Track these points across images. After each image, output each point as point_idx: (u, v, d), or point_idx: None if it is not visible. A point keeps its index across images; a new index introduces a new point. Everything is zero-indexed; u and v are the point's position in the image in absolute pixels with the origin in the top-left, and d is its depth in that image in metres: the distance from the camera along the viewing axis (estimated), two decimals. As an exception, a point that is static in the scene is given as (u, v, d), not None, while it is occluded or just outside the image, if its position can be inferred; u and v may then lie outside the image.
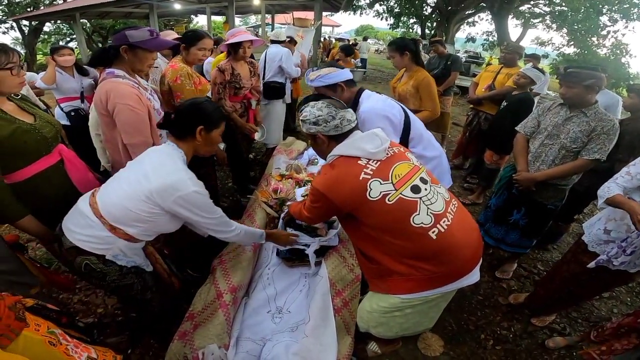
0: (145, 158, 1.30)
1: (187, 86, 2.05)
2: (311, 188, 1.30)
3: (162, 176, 1.20)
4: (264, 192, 2.22)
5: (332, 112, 1.25)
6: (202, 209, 1.29)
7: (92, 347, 1.18)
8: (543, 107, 2.04)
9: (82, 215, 1.25)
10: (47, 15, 11.05)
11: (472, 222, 1.33)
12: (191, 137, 1.31)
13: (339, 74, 1.67)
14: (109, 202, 1.24)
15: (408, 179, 1.21)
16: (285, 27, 7.88)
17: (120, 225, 1.23)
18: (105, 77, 1.52)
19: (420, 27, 16.99)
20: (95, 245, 1.23)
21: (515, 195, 2.12)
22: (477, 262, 1.27)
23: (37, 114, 1.39)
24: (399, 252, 1.21)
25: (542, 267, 2.59)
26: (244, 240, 1.57)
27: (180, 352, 1.40)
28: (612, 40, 12.51)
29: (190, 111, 1.32)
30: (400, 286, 1.24)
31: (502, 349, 1.87)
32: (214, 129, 1.36)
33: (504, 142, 3.07)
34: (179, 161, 1.27)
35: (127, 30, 1.49)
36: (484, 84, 3.53)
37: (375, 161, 1.21)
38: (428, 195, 1.21)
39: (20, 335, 0.92)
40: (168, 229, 1.36)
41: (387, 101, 1.75)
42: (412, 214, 1.16)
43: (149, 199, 1.20)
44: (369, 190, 1.16)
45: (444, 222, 1.19)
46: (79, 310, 1.91)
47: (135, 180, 1.23)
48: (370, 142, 1.22)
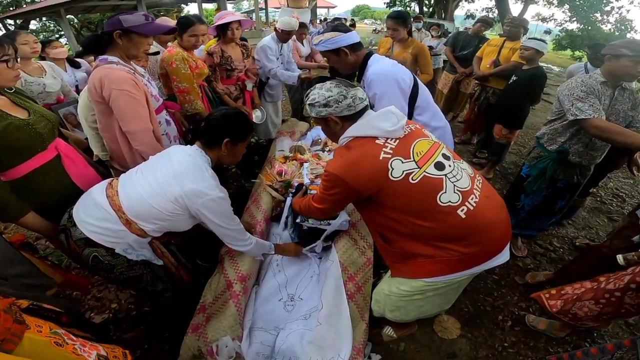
0: (174, 157, 1.30)
1: (182, 70, 2.07)
2: (325, 174, 1.21)
3: (193, 181, 1.24)
4: (269, 175, 2.16)
5: (343, 91, 1.18)
6: (225, 214, 1.34)
7: (100, 345, 1.14)
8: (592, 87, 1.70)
9: (97, 207, 1.23)
10: (31, 12, 10.80)
11: (499, 198, 1.26)
12: (217, 147, 1.36)
13: (342, 38, 1.61)
14: (133, 196, 1.23)
15: (430, 155, 1.14)
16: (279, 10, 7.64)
17: (139, 220, 1.24)
18: (99, 63, 1.45)
19: (418, 5, 16.59)
20: (107, 238, 1.23)
21: (561, 188, 2.02)
22: (508, 241, 1.21)
23: (31, 109, 1.33)
24: (425, 235, 1.14)
25: (557, 243, 2.53)
26: (255, 251, 1.57)
27: (195, 346, 1.38)
28: (616, 16, 12.24)
29: (219, 123, 1.35)
30: (427, 269, 1.18)
31: (520, 330, 1.83)
32: (240, 142, 1.40)
33: (514, 116, 3.03)
34: (208, 167, 1.32)
35: (121, 15, 1.41)
36: (488, 59, 3.45)
37: (393, 139, 1.14)
38: (453, 171, 1.14)
39: (23, 338, 0.87)
40: (182, 228, 1.38)
41: (397, 66, 1.68)
42: (439, 192, 1.09)
43: (177, 201, 1.23)
44: (390, 170, 1.08)
45: (472, 200, 1.12)
46: (93, 306, 1.91)
47: (164, 180, 1.24)
48: (387, 120, 1.15)
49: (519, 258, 2.32)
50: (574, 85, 1.73)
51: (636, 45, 1.59)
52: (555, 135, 1.90)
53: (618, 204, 3.17)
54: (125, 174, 1.35)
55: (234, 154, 1.42)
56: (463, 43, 4.07)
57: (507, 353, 1.71)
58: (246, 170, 2.98)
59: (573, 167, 1.92)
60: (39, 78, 2.22)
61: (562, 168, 1.93)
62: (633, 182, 3.48)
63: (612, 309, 1.43)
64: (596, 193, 3.20)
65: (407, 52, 2.80)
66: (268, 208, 2.04)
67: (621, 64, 1.62)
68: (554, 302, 1.64)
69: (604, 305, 1.45)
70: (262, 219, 1.93)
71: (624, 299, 1.39)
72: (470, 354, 1.69)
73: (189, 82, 2.10)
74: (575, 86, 1.72)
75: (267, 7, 16.70)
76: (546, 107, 6.05)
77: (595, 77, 1.72)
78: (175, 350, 1.41)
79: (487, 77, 3.43)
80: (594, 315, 1.50)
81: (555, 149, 1.90)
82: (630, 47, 1.59)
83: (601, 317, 1.50)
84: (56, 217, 1.31)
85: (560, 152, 1.88)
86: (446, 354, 1.69)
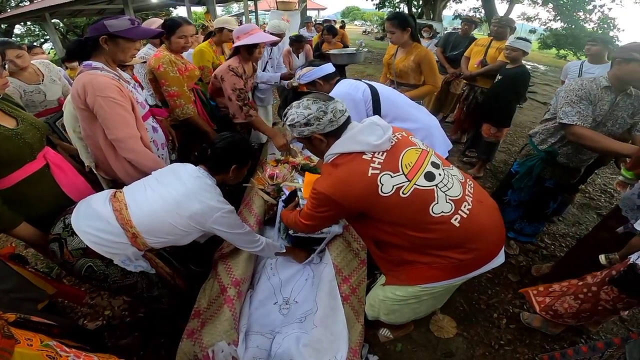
0: (183, 177, 1.32)
1: (170, 73, 2.01)
2: (314, 193, 1.17)
3: (208, 198, 1.29)
4: (260, 179, 2.15)
5: (322, 106, 1.13)
6: (235, 225, 1.40)
7: (94, 355, 1.11)
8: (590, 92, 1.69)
9: (100, 219, 1.21)
10: (15, 17, 10.60)
11: (492, 201, 1.26)
12: (224, 172, 1.43)
13: (315, 71, 1.81)
14: (147, 211, 1.25)
15: (419, 166, 1.12)
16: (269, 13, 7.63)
17: (148, 235, 1.24)
18: (83, 69, 1.41)
19: (407, 6, 16.74)
20: (107, 249, 1.21)
21: (550, 188, 2.02)
22: (503, 244, 1.21)
23: (19, 117, 1.30)
24: (421, 244, 1.13)
25: (549, 240, 2.57)
26: (268, 252, 1.62)
27: (190, 351, 1.36)
28: (599, 15, 12.55)
29: (227, 152, 1.41)
30: (425, 275, 1.17)
31: (516, 327, 1.84)
32: (244, 167, 1.50)
33: (501, 115, 3.07)
34: (217, 188, 1.37)
35: (106, 19, 1.37)
36: (476, 59, 3.51)
37: (380, 153, 1.11)
38: (443, 180, 1.12)
39: (14, 353, 0.84)
40: (185, 243, 1.40)
41: (353, 84, 1.80)
42: (431, 204, 1.07)
43: (192, 218, 1.27)
44: (380, 186, 1.06)
45: (465, 207, 1.11)
46: (86, 314, 1.87)
47: (178, 199, 1.26)
48: (372, 134, 1.11)
49: (512, 256, 2.35)
50: (572, 88, 1.72)
51: None
52: (547, 135, 1.92)
53: (606, 199, 3.22)
54: (129, 187, 1.35)
55: (239, 176, 1.51)
56: (454, 44, 4.11)
57: (503, 351, 1.72)
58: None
59: (561, 168, 1.93)
60: (38, 85, 2.12)
61: (549, 168, 1.94)
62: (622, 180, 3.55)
63: (589, 306, 1.45)
64: (585, 189, 3.25)
65: (408, 59, 2.44)
66: (260, 212, 2.02)
67: (631, 68, 1.56)
68: (541, 299, 1.65)
69: (582, 301, 1.47)
70: (254, 222, 1.91)
71: (600, 294, 1.40)
72: (467, 353, 1.70)
73: (179, 85, 2.04)
74: (572, 89, 1.71)
75: (257, 9, 16.63)
76: (533, 106, 6.15)
77: (599, 81, 1.69)
78: (171, 355, 1.40)
79: (474, 77, 3.48)
80: (572, 312, 1.51)
81: (544, 148, 1.92)
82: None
83: (580, 315, 1.50)
84: (46, 226, 1.28)
85: (549, 153, 1.89)
86: (443, 353, 1.69)
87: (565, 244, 2.53)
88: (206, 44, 2.74)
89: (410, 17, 2.42)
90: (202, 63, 2.60)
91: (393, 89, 1.93)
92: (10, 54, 1.98)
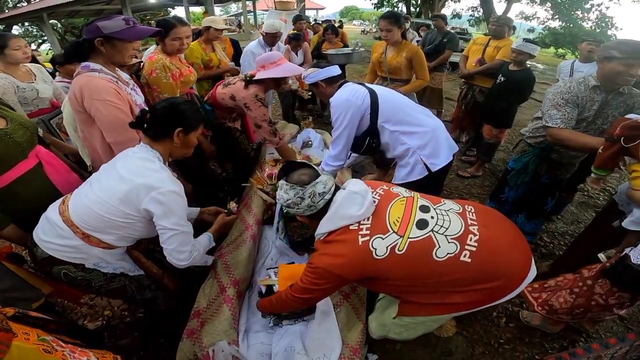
0: (118, 162, 1.23)
1: (163, 79, 1.93)
2: (312, 269, 1.15)
3: (139, 176, 1.15)
4: (259, 179, 2.15)
5: (299, 192, 1.14)
6: (175, 212, 1.20)
7: (90, 351, 1.12)
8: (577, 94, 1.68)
9: (51, 224, 1.17)
10: (13, 18, 10.57)
11: (499, 216, 1.23)
12: (168, 139, 1.26)
13: (319, 73, 1.82)
14: (81, 208, 1.16)
15: (408, 218, 1.10)
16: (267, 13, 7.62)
17: (94, 233, 1.17)
18: (80, 71, 1.40)
19: (405, 5, 16.77)
20: (70, 254, 1.18)
21: (546, 184, 2.00)
22: (530, 258, 1.16)
23: (9, 117, 1.30)
24: (438, 288, 1.10)
25: (547, 238, 2.56)
26: (198, 259, 1.39)
27: (190, 351, 1.36)
28: (597, 14, 12.58)
29: (169, 112, 1.25)
30: (456, 307, 1.13)
31: (515, 326, 1.84)
32: (192, 131, 1.31)
33: (504, 117, 3.07)
34: (156, 161, 1.22)
35: (99, 21, 1.34)
36: (474, 58, 3.52)
37: (366, 219, 1.11)
38: (438, 222, 1.10)
39: (11, 346, 0.85)
40: (145, 235, 1.30)
41: (354, 91, 1.78)
42: (432, 250, 1.05)
43: (123, 203, 1.14)
44: (373, 251, 1.05)
45: (472, 240, 1.08)
46: (86, 314, 1.87)
47: (107, 186, 1.17)
48: (352, 206, 1.11)
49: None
50: (560, 90, 1.72)
51: (626, 47, 1.49)
52: (537, 134, 1.94)
53: (605, 198, 3.23)
54: (77, 188, 1.27)
55: (186, 144, 1.33)
56: (430, 40, 4.34)
57: (503, 349, 1.72)
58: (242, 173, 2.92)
59: (555, 163, 1.95)
60: (31, 83, 2.15)
61: (544, 163, 1.96)
62: (619, 176, 3.55)
63: (583, 300, 1.44)
64: (583, 188, 3.25)
65: (400, 56, 2.64)
66: (259, 211, 2.03)
67: (612, 66, 1.55)
68: (537, 295, 1.64)
69: (577, 295, 1.46)
70: (253, 222, 1.91)
71: (595, 287, 1.39)
72: (466, 351, 1.70)
73: (171, 92, 1.97)
74: (560, 92, 1.71)
75: (255, 9, 16.64)
76: (531, 105, 6.15)
77: (588, 80, 1.68)
78: (171, 356, 1.39)
79: (473, 76, 3.48)
80: (567, 307, 1.50)
81: (538, 145, 1.93)
82: (621, 48, 1.51)
83: (574, 311, 1.50)
84: None
85: (543, 149, 1.90)
86: (443, 352, 1.69)
87: (564, 243, 2.53)
88: (195, 42, 2.75)
89: (400, 15, 2.64)
90: (191, 60, 2.60)
91: (396, 92, 1.92)
92: (22, 42, 2.09)
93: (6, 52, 2.02)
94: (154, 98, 2.00)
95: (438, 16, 4.45)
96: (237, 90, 2.07)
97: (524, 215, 2.17)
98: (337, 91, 1.82)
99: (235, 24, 16.27)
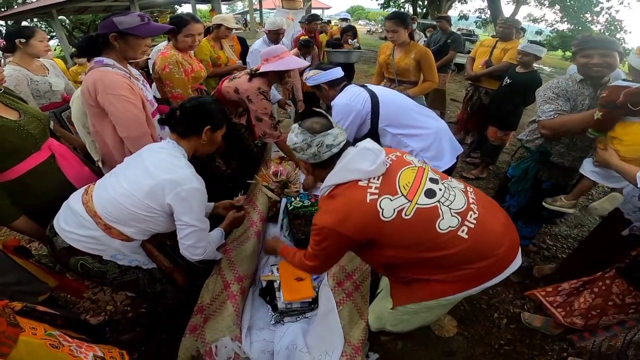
0: (145, 155, 1.26)
1: (176, 74, 1.98)
2: (314, 228, 1.14)
3: (166, 172, 1.18)
4: (264, 176, 2.16)
5: (307, 139, 1.12)
6: (198, 209, 1.24)
7: (96, 346, 1.13)
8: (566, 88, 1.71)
9: (74, 214, 1.19)
10: (22, 13, 10.64)
11: (496, 204, 1.25)
12: (196, 136, 1.31)
13: (321, 76, 1.82)
14: (107, 199, 1.19)
15: (418, 185, 1.10)
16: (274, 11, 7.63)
17: (117, 225, 1.19)
18: (94, 65, 1.42)
19: (412, 6, 16.70)
20: (90, 245, 1.19)
21: (547, 191, 1.98)
22: (518, 245, 1.18)
23: (21, 110, 1.32)
24: (433, 264, 1.11)
25: (550, 241, 2.57)
26: (211, 253, 1.45)
27: (193, 347, 1.37)
28: (606, 17, 12.45)
29: (199, 111, 1.31)
30: (442, 289, 1.14)
31: (516, 328, 1.85)
32: (218, 129, 1.38)
33: (509, 119, 3.06)
34: (182, 157, 1.27)
35: (115, 16, 1.37)
36: (481, 60, 3.51)
37: (376, 178, 1.09)
38: (445, 194, 1.11)
39: (18, 341, 0.86)
40: (165, 229, 1.32)
41: (355, 94, 1.79)
42: (437, 221, 1.05)
43: (148, 196, 1.17)
44: (381, 211, 1.03)
45: (471, 217, 1.09)
46: (88, 309, 1.89)
47: (134, 179, 1.20)
48: (364, 160, 1.09)
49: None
50: (549, 86, 1.75)
51: (578, 40, 1.60)
52: (534, 136, 1.92)
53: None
54: (101, 178, 1.30)
55: (212, 141, 1.38)
56: (435, 40, 4.38)
57: (503, 350, 1.73)
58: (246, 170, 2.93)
59: (556, 167, 1.91)
60: (44, 77, 2.20)
61: (544, 169, 1.93)
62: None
63: (601, 301, 1.46)
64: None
65: (409, 57, 2.55)
66: (264, 209, 2.04)
67: (577, 61, 1.63)
68: (552, 299, 1.65)
69: (595, 295, 1.48)
70: (258, 219, 1.93)
71: (612, 287, 1.42)
72: (467, 352, 1.71)
73: (183, 87, 2.02)
74: (549, 87, 1.74)
75: (261, 8, 16.64)
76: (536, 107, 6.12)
77: (575, 76, 1.72)
78: (173, 351, 1.39)
79: (479, 77, 3.48)
80: (585, 307, 1.52)
81: (536, 148, 1.92)
82: (575, 42, 1.62)
83: (589, 313, 1.52)
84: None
85: (542, 153, 1.88)
86: (444, 352, 1.70)
87: (567, 246, 2.53)
88: (204, 39, 2.77)
89: (407, 15, 2.56)
90: (200, 57, 2.62)
91: (398, 93, 1.92)
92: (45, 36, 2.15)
93: (31, 42, 2.07)
94: (166, 93, 2.04)
95: (442, 17, 4.49)
96: (240, 83, 2.08)
97: (521, 221, 2.16)
98: (339, 94, 1.82)
99: (242, 22, 16.29)
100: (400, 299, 1.27)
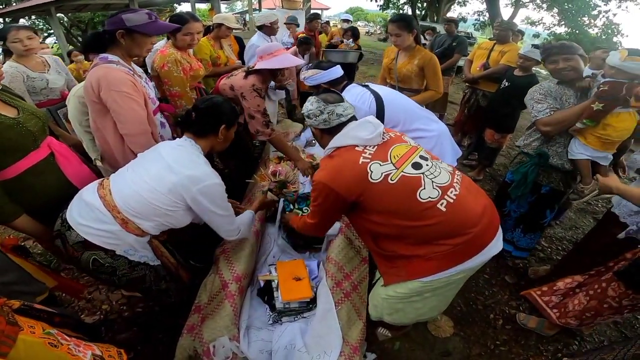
0: (164, 152, 1.30)
1: (174, 73, 1.97)
2: (313, 185, 1.29)
3: (188, 168, 1.24)
4: (263, 175, 2.16)
5: (321, 106, 1.29)
6: (221, 201, 1.34)
7: (94, 344, 1.13)
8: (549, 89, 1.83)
9: (91, 208, 1.20)
10: (20, 11, 10.55)
11: (479, 188, 1.33)
12: (212, 135, 1.39)
13: (321, 76, 1.82)
14: (128, 194, 1.21)
15: (407, 157, 1.22)
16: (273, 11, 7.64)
17: (137, 219, 1.22)
18: (98, 62, 1.42)
19: (411, 8, 16.71)
20: (105, 239, 1.20)
21: (546, 196, 1.98)
22: (497, 227, 1.24)
23: (20, 107, 1.30)
24: (413, 235, 1.19)
25: (545, 243, 2.59)
26: (246, 233, 1.60)
27: (190, 346, 1.37)
28: (604, 20, 12.53)
29: (213, 111, 1.39)
30: (422, 267, 1.20)
31: (512, 328, 1.87)
32: (232, 127, 1.46)
33: (506, 121, 3.08)
34: (200, 155, 1.34)
35: (124, 13, 1.38)
36: (478, 62, 3.53)
37: (372, 146, 1.23)
38: (430, 169, 1.21)
39: (17, 340, 0.85)
40: (181, 223, 1.37)
41: (360, 95, 1.80)
42: (418, 189, 1.15)
43: (171, 192, 1.23)
44: (369, 173, 1.16)
45: (452, 193, 1.18)
46: (83, 308, 1.87)
47: (157, 173, 1.24)
48: (363, 130, 1.24)
49: (509, 258, 2.36)
50: (534, 90, 1.86)
51: (545, 49, 1.80)
52: (532, 139, 1.95)
53: (603, 204, 3.24)
54: (115, 173, 1.33)
55: (227, 139, 1.48)
56: (439, 43, 4.35)
57: (499, 351, 1.75)
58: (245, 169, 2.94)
59: (556, 171, 1.92)
60: (42, 73, 2.18)
61: (544, 172, 1.94)
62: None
63: (595, 303, 1.48)
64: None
65: (412, 63, 2.37)
66: (262, 208, 2.04)
67: (547, 68, 1.81)
68: (547, 299, 1.68)
69: (590, 298, 1.50)
70: (256, 219, 1.93)
71: (608, 290, 1.43)
72: (463, 352, 1.72)
73: (182, 86, 2.02)
74: (534, 90, 1.85)
75: (260, 8, 16.64)
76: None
77: (553, 80, 1.86)
78: (170, 351, 1.40)
79: (477, 80, 3.49)
80: (579, 310, 1.53)
81: (534, 152, 1.93)
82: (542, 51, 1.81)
83: (584, 314, 1.53)
84: (53, 216, 1.28)
85: (540, 156, 1.90)
86: (440, 353, 1.71)
87: (562, 248, 2.56)
88: (204, 38, 2.77)
89: (412, 18, 2.39)
90: (200, 56, 2.62)
91: (401, 94, 1.92)
92: (22, 34, 2.08)
93: (7, 43, 2.06)
94: (164, 91, 2.04)
95: (451, 20, 4.42)
96: (236, 80, 2.07)
97: (520, 229, 2.15)
98: (342, 94, 1.82)
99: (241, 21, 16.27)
100: (389, 278, 1.35)
